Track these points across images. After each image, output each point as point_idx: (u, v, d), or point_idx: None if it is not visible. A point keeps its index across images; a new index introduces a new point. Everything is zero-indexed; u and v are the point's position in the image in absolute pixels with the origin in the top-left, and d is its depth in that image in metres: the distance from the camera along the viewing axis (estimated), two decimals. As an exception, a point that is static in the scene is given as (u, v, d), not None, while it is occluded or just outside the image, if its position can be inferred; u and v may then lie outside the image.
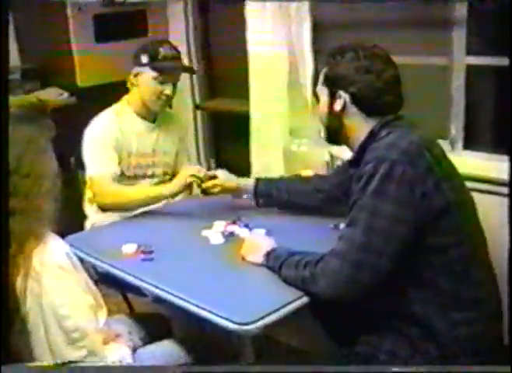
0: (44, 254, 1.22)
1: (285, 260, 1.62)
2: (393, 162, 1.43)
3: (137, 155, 2.37)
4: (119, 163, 2.31)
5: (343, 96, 1.59)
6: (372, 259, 1.44)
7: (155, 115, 2.40)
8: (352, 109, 1.60)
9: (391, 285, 1.50)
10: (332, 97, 1.62)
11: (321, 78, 1.67)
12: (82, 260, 1.36)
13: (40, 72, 3.22)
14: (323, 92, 1.66)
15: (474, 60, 2.28)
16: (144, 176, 2.41)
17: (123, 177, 2.35)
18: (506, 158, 1.82)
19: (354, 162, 1.61)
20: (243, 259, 1.79)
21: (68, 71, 3.04)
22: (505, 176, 1.77)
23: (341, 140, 1.69)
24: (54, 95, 3.06)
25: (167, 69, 2.29)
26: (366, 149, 1.55)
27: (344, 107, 1.60)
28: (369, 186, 1.45)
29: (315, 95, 1.72)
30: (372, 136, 1.57)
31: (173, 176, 2.37)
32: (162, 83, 2.30)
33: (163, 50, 2.29)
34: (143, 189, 2.32)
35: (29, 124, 1.29)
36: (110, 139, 2.29)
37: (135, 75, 2.33)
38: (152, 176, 2.43)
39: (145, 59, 2.30)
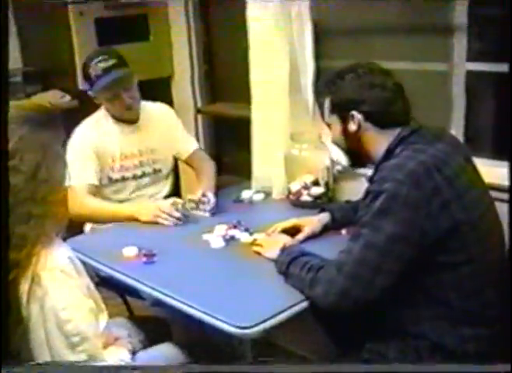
0: (47, 258, 1.22)
1: (295, 258, 1.65)
2: (398, 183, 1.45)
3: (121, 158, 2.37)
4: (103, 169, 2.32)
5: (356, 116, 1.61)
6: (367, 275, 1.46)
7: (131, 118, 2.39)
8: (367, 125, 1.62)
9: (400, 301, 1.52)
10: (345, 121, 1.64)
11: (328, 109, 1.68)
12: (84, 263, 1.35)
13: (41, 75, 3.24)
14: (334, 121, 1.68)
15: (474, 66, 2.28)
16: (134, 177, 2.41)
17: (110, 182, 2.36)
18: (506, 164, 1.83)
19: (370, 179, 1.62)
20: (259, 254, 1.83)
21: (70, 74, 3.04)
22: (506, 182, 1.77)
23: (364, 160, 1.70)
24: (55, 98, 3.07)
25: (106, 86, 2.25)
26: (379, 167, 1.57)
27: (359, 126, 1.62)
28: (374, 204, 1.47)
29: (327, 125, 1.73)
30: (388, 153, 1.58)
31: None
32: (114, 97, 2.29)
33: (92, 71, 2.25)
34: (118, 208, 2.28)
35: (45, 129, 1.29)
36: (89, 147, 2.29)
37: (93, 97, 2.34)
38: (143, 175, 2.43)
39: (86, 85, 2.31)
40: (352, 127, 1.62)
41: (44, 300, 1.21)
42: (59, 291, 1.22)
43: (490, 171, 1.96)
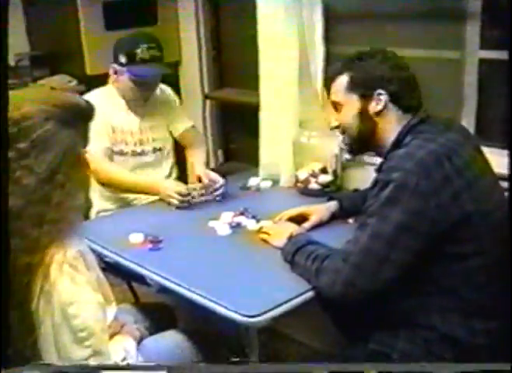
0: (56, 253, 1.18)
1: (301, 247, 1.64)
2: (407, 173, 1.43)
3: (122, 132, 2.38)
4: None
5: (383, 95, 1.58)
6: (373, 265, 1.45)
7: (139, 105, 2.41)
8: (391, 107, 1.59)
9: (409, 292, 1.50)
10: (366, 100, 1.60)
11: (345, 84, 1.63)
12: (90, 249, 1.34)
13: (49, 59, 3.23)
14: (350, 100, 1.63)
15: (487, 54, 2.25)
16: (133, 154, 2.41)
17: (111, 153, 2.36)
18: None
19: (379, 169, 1.59)
20: (266, 242, 1.83)
21: (78, 59, 3.03)
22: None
23: (370, 146, 1.66)
24: (62, 83, 3.06)
25: (144, 74, 2.27)
26: (388, 156, 1.54)
27: (384, 107, 1.58)
28: (383, 194, 1.45)
29: (333, 104, 1.69)
30: (397, 142, 1.56)
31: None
32: (140, 85, 2.30)
33: (140, 52, 2.25)
34: (135, 178, 2.32)
35: (69, 129, 1.20)
36: (97, 113, 2.29)
37: (115, 73, 2.33)
38: (142, 153, 2.43)
39: (122, 59, 2.28)
40: (377, 107, 1.59)
41: (52, 294, 1.18)
42: (67, 286, 1.19)
43: (501, 161, 1.94)
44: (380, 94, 1.58)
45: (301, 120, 2.35)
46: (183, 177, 2.52)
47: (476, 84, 2.28)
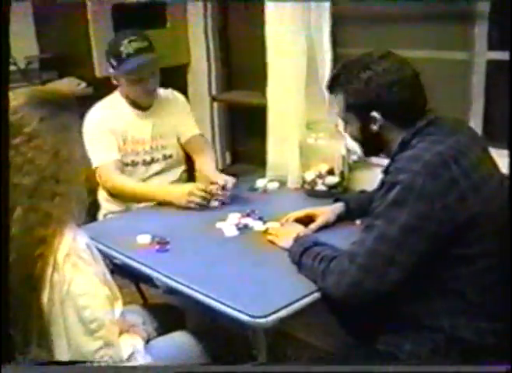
0: (65, 244, 1.23)
1: (308, 248, 1.64)
2: (414, 174, 1.42)
3: (133, 142, 2.37)
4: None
5: (377, 117, 1.57)
6: (379, 266, 1.45)
7: (148, 103, 2.39)
8: (387, 123, 1.58)
9: (415, 293, 1.50)
10: (364, 119, 1.60)
11: (341, 104, 1.63)
12: (98, 251, 1.36)
13: (58, 62, 3.24)
14: (349, 117, 1.64)
15: (495, 55, 2.24)
16: (144, 163, 2.40)
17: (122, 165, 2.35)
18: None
19: (385, 170, 1.59)
20: (272, 243, 1.84)
21: (86, 62, 3.05)
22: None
23: (380, 151, 1.67)
24: (71, 86, 3.07)
25: (130, 67, 2.23)
26: (395, 158, 1.54)
27: (379, 126, 1.58)
28: (389, 195, 1.45)
29: (343, 119, 1.69)
30: (403, 144, 1.55)
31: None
32: (139, 80, 2.27)
33: (124, 49, 2.22)
34: (150, 188, 2.30)
35: (64, 112, 1.30)
36: (106, 125, 2.30)
37: (115, 79, 2.32)
38: (151, 161, 2.42)
39: (114, 62, 2.27)
40: (373, 127, 1.59)
41: (62, 286, 1.22)
42: (77, 277, 1.23)
43: (509, 162, 1.93)
44: (374, 116, 1.57)
45: (308, 122, 2.35)
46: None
47: (484, 85, 2.27)
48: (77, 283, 1.23)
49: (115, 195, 2.31)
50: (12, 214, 1.21)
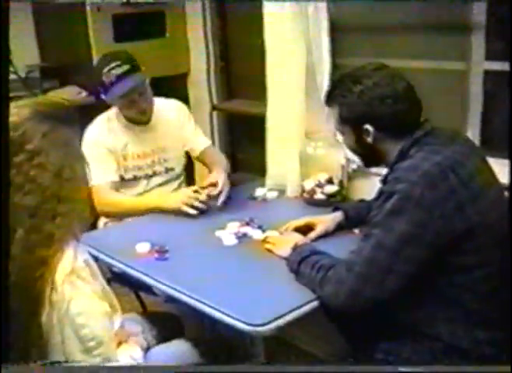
0: (63, 262, 1.21)
1: (306, 257, 1.65)
2: (412, 184, 1.43)
3: (134, 158, 2.37)
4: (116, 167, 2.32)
5: (370, 130, 1.59)
6: (377, 275, 1.46)
7: (146, 119, 2.38)
8: (381, 135, 1.59)
9: (413, 302, 1.51)
10: (358, 133, 1.62)
11: (337, 117, 1.65)
12: (96, 259, 1.35)
13: (58, 71, 3.25)
14: (345, 129, 1.66)
15: (492, 65, 2.26)
16: (146, 177, 2.41)
17: (122, 181, 2.35)
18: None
19: (384, 180, 1.60)
20: (271, 252, 1.84)
21: (87, 71, 3.05)
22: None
23: (379, 161, 1.68)
24: (72, 95, 3.08)
25: (120, 94, 2.22)
26: (393, 168, 1.56)
27: (374, 138, 1.60)
28: (387, 204, 1.46)
29: (339, 131, 1.72)
30: (402, 154, 1.56)
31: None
32: (130, 102, 2.27)
33: (106, 78, 2.21)
34: (142, 201, 2.31)
35: (65, 126, 1.26)
36: (103, 146, 2.29)
37: (107, 101, 2.32)
38: (154, 174, 2.42)
39: (99, 89, 2.27)
40: (367, 139, 1.61)
41: (61, 305, 1.20)
42: (75, 297, 1.21)
43: (506, 172, 1.94)
44: (367, 129, 1.59)
45: (307, 131, 2.36)
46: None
47: (481, 95, 2.29)
48: (75, 302, 1.21)
49: (108, 213, 2.30)
50: (13, 234, 1.17)
